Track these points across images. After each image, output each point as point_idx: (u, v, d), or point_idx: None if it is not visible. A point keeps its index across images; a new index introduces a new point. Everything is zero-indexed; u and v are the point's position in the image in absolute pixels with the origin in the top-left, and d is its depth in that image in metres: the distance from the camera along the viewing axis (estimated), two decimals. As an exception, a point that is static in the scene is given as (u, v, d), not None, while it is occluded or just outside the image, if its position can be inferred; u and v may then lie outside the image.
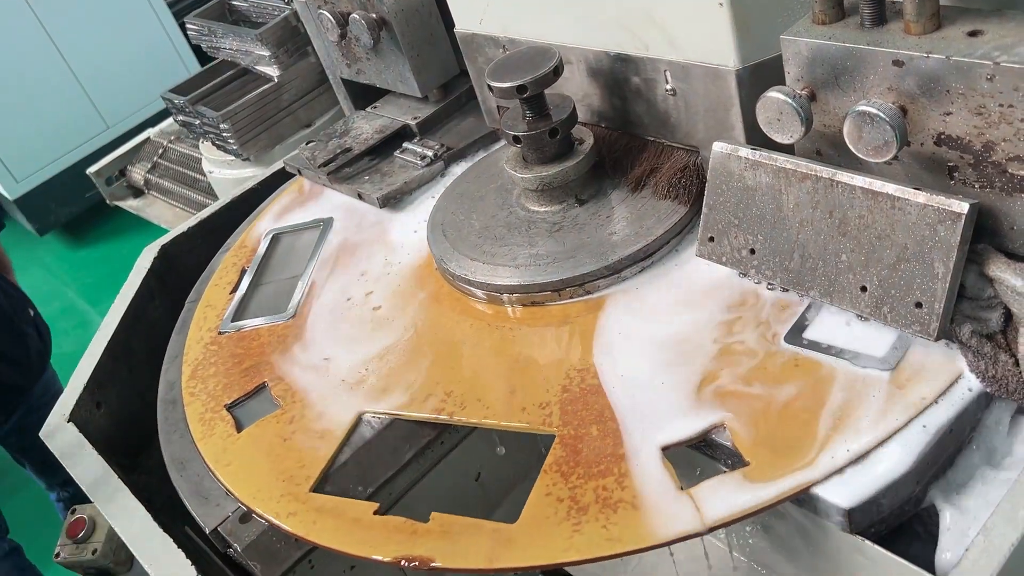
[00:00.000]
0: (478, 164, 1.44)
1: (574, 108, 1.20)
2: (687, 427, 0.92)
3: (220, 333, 1.31)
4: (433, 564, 0.88)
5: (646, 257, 1.14)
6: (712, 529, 0.83)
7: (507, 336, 1.13)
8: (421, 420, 1.06)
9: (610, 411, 0.97)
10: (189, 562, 1.01)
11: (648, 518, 0.86)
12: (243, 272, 1.42)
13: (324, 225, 1.46)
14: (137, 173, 3.48)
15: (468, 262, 1.21)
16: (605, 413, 0.97)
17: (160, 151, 3.42)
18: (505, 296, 1.18)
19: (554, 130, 1.17)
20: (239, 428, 1.12)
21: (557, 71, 1.14)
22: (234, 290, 1.39)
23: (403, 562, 0.89)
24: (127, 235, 4.72)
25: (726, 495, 0.85)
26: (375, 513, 0.95)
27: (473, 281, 1.19)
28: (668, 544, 0.84)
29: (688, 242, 1.16)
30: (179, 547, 1.03)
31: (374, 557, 0.91)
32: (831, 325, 0.97)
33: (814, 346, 0.96)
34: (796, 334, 0.98)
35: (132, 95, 4.80)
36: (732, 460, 0.90)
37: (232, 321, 1.33)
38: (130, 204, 3.58)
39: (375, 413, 1.07)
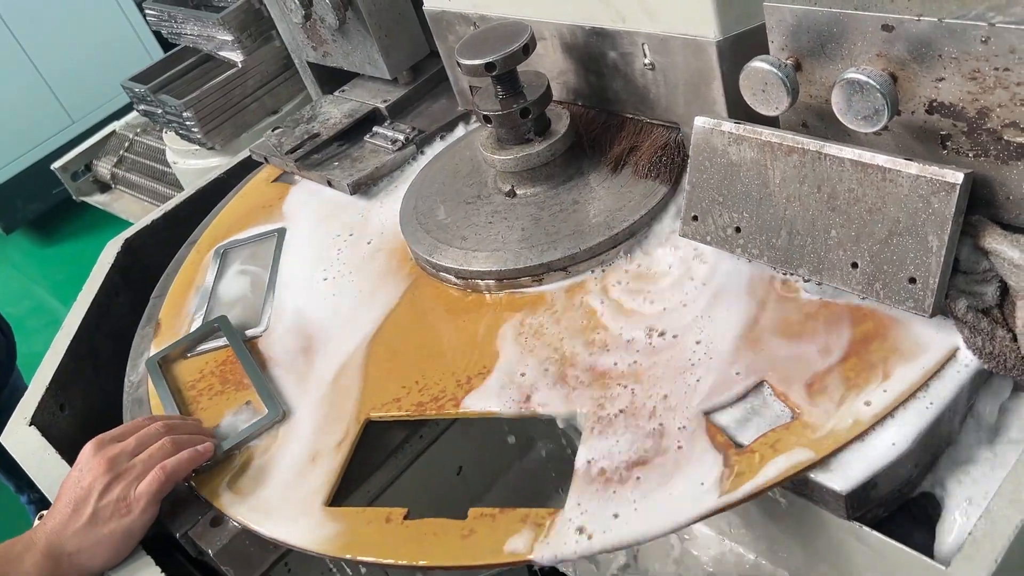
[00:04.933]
0: (452, 146, 1.40)
1: (548, 86, 1.15)
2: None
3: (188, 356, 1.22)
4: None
5: (626, 240, 1.10)
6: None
7: (489, 322, 1.09)
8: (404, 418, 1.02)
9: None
10: (159, 569, 0.97)
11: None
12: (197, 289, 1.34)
13: (279, 235, 1.38)
14: (103, 167, 3.39)
15: (443, 248, 1.16)
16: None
17: (126, 144, 3.33)
18: (483, 283, 1.13)
19: (525, 110, 1.13)
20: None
21: (527, 48, 1.09)
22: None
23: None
24: (97, 231, 4.62)
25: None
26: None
27: (448, 268, 1.15)
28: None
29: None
30: (147, 552, 0.98)
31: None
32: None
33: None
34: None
35: (97, 88, 4.70)
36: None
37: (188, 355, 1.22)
38: (97, 199, 3.49)
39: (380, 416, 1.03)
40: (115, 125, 3.46)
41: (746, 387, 0.89)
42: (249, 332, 1.21)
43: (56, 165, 3.45)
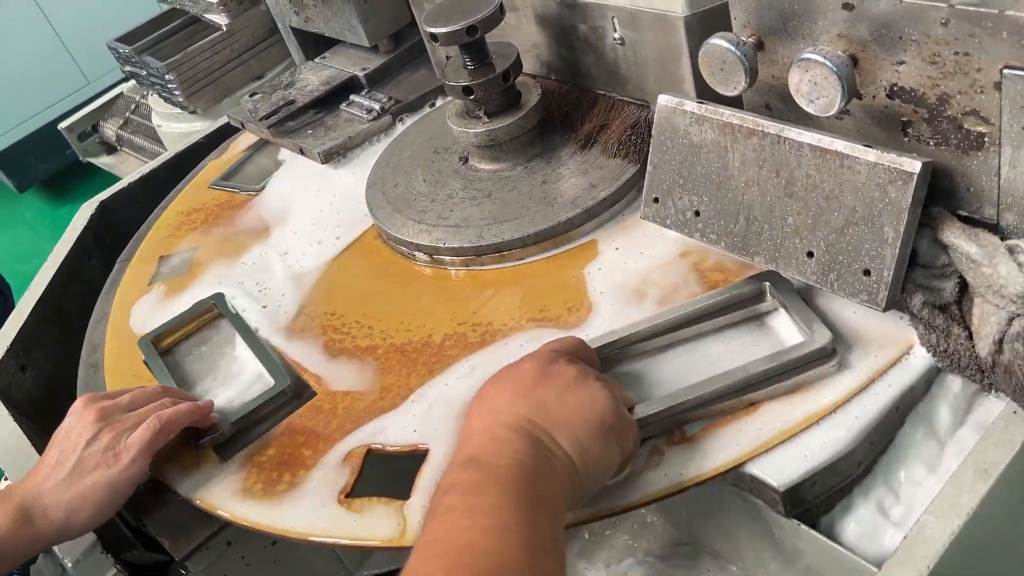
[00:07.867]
0: (426, 118, 1.37)
1: (509, 67, 1.11)
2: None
3: (211, 187, 1.43)
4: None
5: (589, 220, 1.07)
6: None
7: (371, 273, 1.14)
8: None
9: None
10: (95, 535, 0.96)
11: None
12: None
13: None
14: (109, 129, 3.39)
15: (405, 222, 1.14)
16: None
17: (132, 106, 3.32)
18: (448, 259, 1.11)
19: (467, 88, 1.09)
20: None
21: (472, 29, 1.04)
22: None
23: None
24: (108, 193, 4.61)
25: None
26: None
27: (410, 242, 1.13)
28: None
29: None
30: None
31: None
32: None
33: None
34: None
35: (113, 50, 4.67)
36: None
37: (221, 179, 1.44)
38: (103, 161, 3.48)
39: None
40: (123, 87, 3.45)
41: (413, 445, 0.89)
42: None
43: (63, 125, 3.44)
